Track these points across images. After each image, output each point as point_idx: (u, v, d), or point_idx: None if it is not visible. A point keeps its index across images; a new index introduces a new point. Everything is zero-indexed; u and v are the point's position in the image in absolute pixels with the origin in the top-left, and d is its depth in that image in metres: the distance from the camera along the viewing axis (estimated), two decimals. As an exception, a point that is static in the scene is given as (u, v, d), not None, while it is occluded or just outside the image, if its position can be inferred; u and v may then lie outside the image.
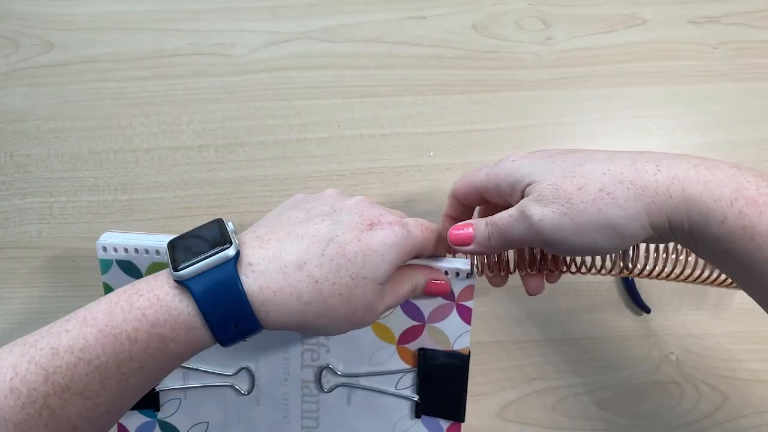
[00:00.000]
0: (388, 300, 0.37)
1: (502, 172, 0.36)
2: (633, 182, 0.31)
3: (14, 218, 0.51)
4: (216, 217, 0.36)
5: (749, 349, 0.52)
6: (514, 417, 0.52)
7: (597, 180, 0.32)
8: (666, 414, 0.52)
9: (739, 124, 0.52)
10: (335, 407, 0.47)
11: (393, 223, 0.35)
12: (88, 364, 0.30)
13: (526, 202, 0.34)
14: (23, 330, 0.51)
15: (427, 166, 0.51)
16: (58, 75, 0.51)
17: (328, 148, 0.51)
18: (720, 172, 0.30)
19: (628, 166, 0.32)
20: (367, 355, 0.45)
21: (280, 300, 0.32)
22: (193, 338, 0.31)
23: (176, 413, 0.47)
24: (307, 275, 0.32)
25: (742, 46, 0.52)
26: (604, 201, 0.31)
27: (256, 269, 0.32)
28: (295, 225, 0.35)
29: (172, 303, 0.31)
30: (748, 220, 0.29)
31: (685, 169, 0.31)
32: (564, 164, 0.33)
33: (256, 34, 0.52)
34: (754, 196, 0.29)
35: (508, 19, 0.52)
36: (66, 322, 0.31)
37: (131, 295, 0.32)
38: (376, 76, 0.52)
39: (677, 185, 0.30)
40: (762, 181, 0.30)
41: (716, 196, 0.30)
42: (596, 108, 0.52)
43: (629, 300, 0.51)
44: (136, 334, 0.30)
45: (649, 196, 0.31)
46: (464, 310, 0.44)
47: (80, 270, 0.51)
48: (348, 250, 0.33)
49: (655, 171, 0.31)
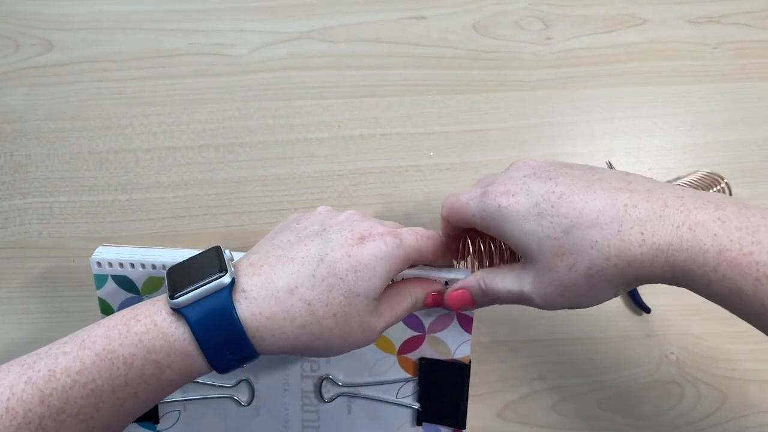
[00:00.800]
0: (387, 318, 0.36)
1: (490, 222, 0.35)
2: (619, 257, 0.31)
3: (14, 218, 0.51)
4: (214, 245, 0.36)
5: (749, 349, 0.52)
6: (514, 417, 0.52)
7: (586, 256, 0.32)
8: (666, 414, 0.52)
9: (739, 124, 0.52)
10: (336, 417, 0.47)
11: (384, 234, 0.35)
12: (83, 387, 0.30)
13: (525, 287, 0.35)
14: (23, 330, 0.51)
15: (427, 166, 0.51)
16: (58, 75, 0.51)
17: (328, 148, 0.51)
18: (703, 234, 0.29)
19: (614, 235, 0.31)
20: (368, 366, 0.45)
21: (274, 326, 0.32)
22: (189, 365, 0.32)
23: (176, 425, 0.47)
24: (299, 299, 0.32)
25: (742, 46, 0.52)
26: (595, 279, 0.32)
27: (249, 296, 0.32)
28: (285, 248, 0.35)
29: (169, 330, 0.31)
30: (732, 283, 0.29)
31: (668, 236, 0.30)
32: (552, 229, 0.33)
33: (256, 34, 0.52)
34: (737, 257, 0.29)
35: (508, 19, 0.52)
36: (64, 345, 0.31)
37: (129, 320, 0.32)
38: (376, 76, 0.52)
39: (661, 255, 0.30)
40: (746, 236, 0.29)
41: (699, 262, 0.29)
42: (596, 108, 0.52)
43: (629, 300, 0.51)
44: (132, 359, 0.31)
45: (636, 268, 0.31)
46: (465, 319, 0.43)
47: (80, 270, 0.51)
48: (338, 268, 0.33)
49: (641, 242, 0.31)
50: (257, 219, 0.51)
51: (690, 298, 0.31)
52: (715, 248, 0.29)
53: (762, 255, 0.28)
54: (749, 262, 0.28)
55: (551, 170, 0.35)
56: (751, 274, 0.28)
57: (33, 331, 0.51)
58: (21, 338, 0.50)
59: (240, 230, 0.51)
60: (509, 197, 0.34)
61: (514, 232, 0.34)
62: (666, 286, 0.47)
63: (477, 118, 0.52)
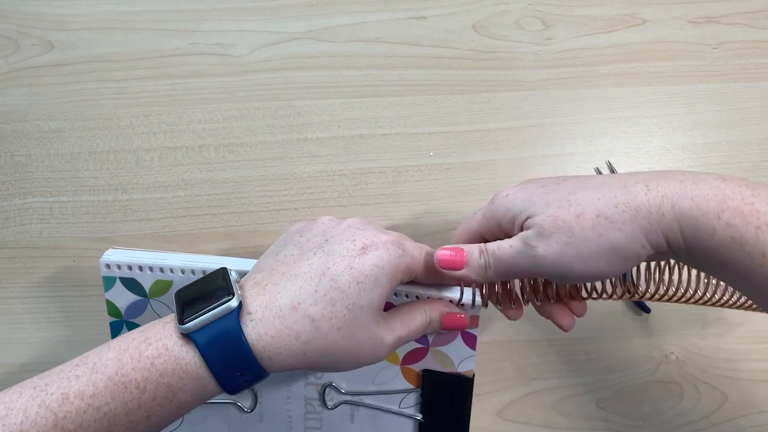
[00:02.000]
0: (398, 332, 0.36)
1: (499, 209, 0.36)
2: (627, 204, 0.32)
3: (14, 218, 0.51)
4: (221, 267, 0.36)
5: (749, 349, 0.52)
6: (514, 417, 0.52)
7: (593, 206, 0.32)
8: (666, 414, 0.52)
9: (739, 124, 0.52)
10: (338, 425, 0.46)
11: (387, 243, 0.34)
12: (97, 410, 0.30)
13: (528, 236, 0.34)
14: (24, 330, 0.51)
15: (427, 166, 0.51)
16: (58, 75, 0.51)
17: (328, 148, 0.51)
18: (705, 186, 0.31)
19: (620, 188, 0.32)
20: (371, 375, 0.45)
21: (280, 344, 0.32)
22: (200, 387, 0.32)
23: (178, 430, 0.47)
24: (303, 315, 0.32)
25: (742, 46, 0.52)
26: (603, 226, 0.32)
27: (255, 317, 0.32)
28: (289, 264, 0.35)
29: (179, 353, 0.32)
30: (735, 230, 0.30)
31: (672, 187, 0.31)
32: (558, 194, 0.33)
33: (256, 34, 0.52)
34: (740, 206, 0.30)
35: (508, 19, 0.52)
36: (76, 368, 0.32)
37: (140, 343, 0.32)
38: (376, 76, 0.52)
39: (667, 203, 0.31)
40: (747, 191, 0.30)
41: (704, 209, 0.30)
42: (596, 108, 0.52)
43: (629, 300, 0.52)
44: (145, 383, 0.31)
45: (644, 216, 0.31)
46: (469, 337, 0.43)
47: (80, 270, 0.51)
48: (341, 281, 0.33)
49: (646, 191, 0.32)
50: (257, 219, 0.51)
51: (690, 298, 0.31)
52: (718, 197, 0.30)
53: (762, 205, 0.30)
54: (751, 211, 0.30)
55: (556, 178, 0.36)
56: (752, 222, 0.29)
57: (33, 331, 0.51)
58: (21, 338, 0.51)
59: (240, 230, 0.51)
60: (516, 190, 0.36)
61: (520, 203, 0.35)
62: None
63: (477, 118, 0.52)
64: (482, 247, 0.36)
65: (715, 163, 0.52)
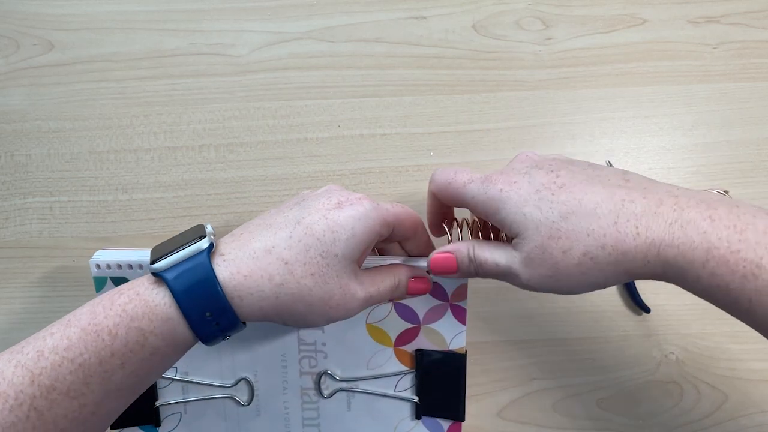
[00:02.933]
0: (369, 289, 0.37)
1: (489, 204, 0.36)
2: (614, 248, 0.32)
3: (14, 218, 0.51)
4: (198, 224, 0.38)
5: (749, 349, 0.52)
6: (514, 417, 0.52)
7: (581, 243, 0.32)
8: (666, 414, 0.52)
9: (739, 124, 0.52)
10: (336, 413, 0.47)
11: (362, 198, 0.36)
12: (71, 362, 0.31)
13: (515, 263, 0.35)
14: (24, 330, 0.51)
15: (427, 166, 0.51)
16: (58, 75, 0.51)
17: (328, 148, 0.51)
18: (692, 231, 0.30)
19: (611, 226, 0.32)
20: (365, 359, 0.45)
21: (252, 284, 0.33)
22: (171, 329, 0.32)
23: (177, 428, 0.47)
24: (277, 257, 0.33)
25: (742, 46, 0.52)
26: (587, 266, 0.33)
27: (227, 258, 0.33)
28: (265, 218, 0.36)
29: (150, 296, 0.32)
30: (720, 279, 0.30)
31: (661, 232, 0.31)
32: (551, 213, 0.33)
33: (256, 34, 0.52)
34: (725, 255, 0.30)
35: (508, 19, 0.52)
36: (51, 327, 0.32)
37: (113, 294, 0.33)
38: (376, 76, 0.52)
39: (654, 250, 0.31)
40: (734, 235, 0.30)
41: (689, 259, 0.30)
42: (596, 108, 0.52)
43: (629, 300, 0.52)
44: (116, 329, 0.31)
45: (629, 261, 0.32)
46: (458, 310, 0.44)
47: (80, 270, 0.51)
48: (315, 229, 0.34)
49: (635, 235, 0.32)
50: (257, 219, 0.51)
51: (690, 298, 0.31)
52: (704, 245, 0.30)
53: (748, 252, 0.29)
54: (736, 260, 0.29)
55: (553, 164, 0.36)
56: (738, 270, 0.29)
57: (34, 330, 0.50)
58: (21, 338, 0.50)
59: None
60: (511, 183, 0.35)
61: (512, 215, 0.35)
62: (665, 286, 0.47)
63: (477, 118, 0.52)
64: (471, 254, 0.37)
65: (715, 163, 0.52)
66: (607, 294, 0.52)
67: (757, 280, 0.29)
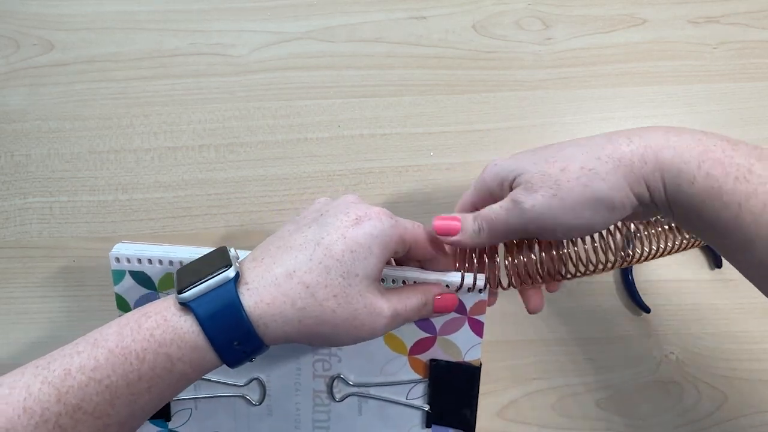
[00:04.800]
0: (395, 305, 0.36)
1: (488, 176, 0.38)
2: (610, 155, 0.33)
3: (14, 218, 0.51)
4: (221, 245, 0.37)
5: (749, 349, 0.52)
6: (514, 417, 0.52)
7: (577, 159, 0.33)
8: (666, 414, 0.52)
9: (739, 124, 0.52)
10: (346, 417, 0.47)
11: (380, 213, 0.36)
12: (98, 383, 0.31)
13: (516, 192, 0.35)
14: (24, 329, 0.51)
15: (427, 166, 0.51)
16: (58, 75, 0.51)
17: (328, 148, 0.51)
18: (688, 137, 0.32)
19: (605, 142, 0.34)
20: (379, 366, 0.45)
21: (275, 311, 0.33)
22: (199, 357, 0.32)
23: (187, 423, 0.47)
24: (298, 282, 0.33)
25: (742, 46, 0.52)
26: (587, 176, 0.33)
27: (251, 286, 0.33)
28: (285, 239, 0.36)
29: (178, 323, 0.32)
30: (714, 180, 0.31)
31: (655, 137, 0.33)
32: (545, 153, 0.35)
33: (256, 34, 0.52)
34: (720, 157, 0.31)
35: (507, 19, 0.52)
36: (76, 345, 0.32)
37: (140, 317, 0.33)
38: (376, 76, 0.52)
39: (650, 152, 0.32)
40: (728, 145, 0.31)
41: (685, 158, 0.31)
42: (596, 108, 0.52)
43: (629, 300, 0.52)
44: (144, 354, 0.31)
45: (626, 165, 0.32)
46: (476, 323, 0.43)
47: (80, 270, 0.51)
48: (335, 250, 0.34)
49: (629, 142, 0.33)
50: (257, 219, 0.51)
51: (690, 298, 0.31)
52: (699, 147, 0.32)
53: (741, 158, 0.31)
54: (730, 162, 0.31)
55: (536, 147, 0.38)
56: (731, 172, 0.31)
57: (34, 330, 0.51)
58: (22, 338, 0.51)
59: (240, 230, 0.51)
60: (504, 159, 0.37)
61: (507, 164, 0.36)
62: (665, 286, 0.47)
63: (477, 118, 0.52)
64: (476, 213, 0.38)
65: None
66: (607, 294, 0.52)
67: (748, 183, 0.30)
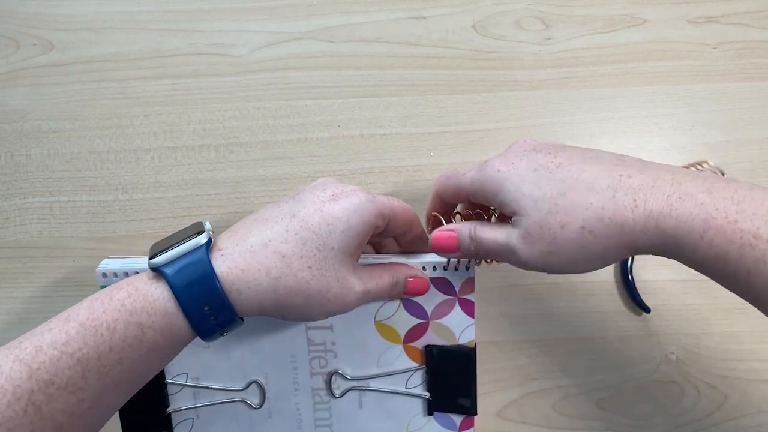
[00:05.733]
0: (367, 283, 0.37)
1: (488, 185, 0.36)
2: (612, 219, 0.32)
3: (14, 218, 0.51)
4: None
5: (749, 349, 0.52)
6: (514, 417, 0.52)
7: (579, 216, 0.33)
8: (666, 414, 0.52)
9: (739, 124, 0.52)
10: (348, 412, 0.47)
11: (357, 190, 0.36)
12: (70, 357, 0.31)
13: (514, 240, 0.35)
14: (24, 330, 0.51)
15: (427, 166, 0.51)
16: (58, 75, 0.51)
17: (328, 148, 0.51)
18: (690, 203, 0.31)
19: (609, 199, 0.32)
20: (375, 357, 0.45)
21: (249, 277, 0.33)
22: (169, 324, 0.32)
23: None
24: (273, 251, 0.33)
25: (742, 46, 0.52)
26: (586, 239, 0.32)
27: (225, 253, 0.34)
28: (262, 213, 0.36)
29: (149, 290, 0.32)
30: (719, 249, 0.30)
31: (659, 204, 0.31)
32: (549, 190, 0.34)
33: (256, 34, 0.52)
34: (723, 225, 0.30)
35: (508, 19, 0.52)
36: (49, 323, 0.32)
37: (112, 290, 0.33)
38: (376, 76, 0.52)
39: (652, 222, 0.31)
40: (732, 206, 0.30)
41: (687, 229, 0.30)
42: (596, 108, 0.52)
43: (629, 300, 0.52)
44: (115, 324, 0.31)
45: (627, 233, 0.32)
46: (466, 303, 0.44)
47: (80, 270, 0.51)
48: (311, 222, 0.34)
49: (633, 207, 0.32)
50: (257, 219, 0.51)
51: (690, 298, 0.31)
52: (701, 216, 0.30)
53: (746, 223, 0.29)
54: (734, 230, 0.29)
55: (551, 147, 0.36)
56: (735, 240, 0.29)
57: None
58: (21, 338, 0.51)
59: (240, 230, 0.51)
60: (509, 164, 0.36)
61: (510, 193, 0.35)
62: (665, 286, 0.47)
63: (477, 118, 0.52)
64: (472, 233, 0.37)
65: (716, 163, 0.52)
66: (607, 294, 0.52)
67: (754, 250, 0.29)
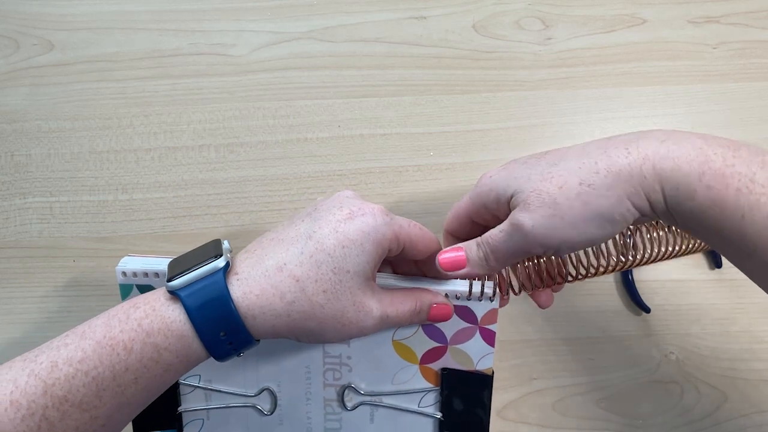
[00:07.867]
0: (387, 308, 0.36)
1: (483, 190, 0.37)
2: (608, 169, 0.32)
3: (14, 218, 0.51)
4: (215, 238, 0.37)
5: (749, 349, 0.52)
6: (514, 416, 0.52)
7: (574, 175, 0.32)
8: (666, 414, 0.52)
9: (739, 124, 0.52)
10: (358, 425, 0.46)
11: (375, 209, 0.35)
12: (85, 375, 0.30)
13: (515, 214, 0.34)
14: (24, 329, 0.51)
15: (427, 166, 0.51)
16: (58, 75, 0.51)
17: (328, 148, 0.51)
18: (687, 146, 0.31)
19: (601, 154, 0.32)
20: (390, 374, 0.45)
21: (264, 303, 0.32)
22: (185, 347, 0.32)
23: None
24: (288, 275, 0.33)
25: (742, 46, 0.52)
26: (587, 194, 0.32)
27: (241, 277, 0.33)
28: (278, 232, 0.35)
29: (165, 312, 0.32)
30: (716, 192, 0.30)
31: (654, 147, 0.31)
32: (539, 167, 0.34)
33: (256, 34, 0.52)
34: (721, 168, 0.30)
35: (508, 19, 0.52)
36: (65, 337, 0.32)
37: (129, 308, 0.33)
38: (376, 76, 0.52)
39: (648, 164, 0.31)
40: (728, 152, 0.30)
41: (684, 171, 0.30)
42: (596, 108, 0.52)
43: (629, 300, 0.52)
44: (131, 344, 0.31)
45: (625, 179, 0.31)
46: (487, 333, 0.43)
47: (81, 270, 0.51)
48: (326, 244, 0.33)
49: (626, 154, 0.32)
50: (257, 219, 0.51)
51: (690, 298, 0.31)
52: (699, 158, 0.30)
53: (743, 167, 0.30)
54: (732, 173, 0.30)
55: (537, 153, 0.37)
56: (732, 183, 0.30)
57: (33, 330, 0.51)
58: (21, 338, 0.51)
59: (240, 230, 0.51)
60: (499, 169, 0.36)
61: (503, 181, 0.35)
62: (665, 285, 0.47)
63: (477, 118, 0.52)
64: (478, 240, 0.36)
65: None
66: (607, 294, 0.52)
67: (750, 194, 0.29)
